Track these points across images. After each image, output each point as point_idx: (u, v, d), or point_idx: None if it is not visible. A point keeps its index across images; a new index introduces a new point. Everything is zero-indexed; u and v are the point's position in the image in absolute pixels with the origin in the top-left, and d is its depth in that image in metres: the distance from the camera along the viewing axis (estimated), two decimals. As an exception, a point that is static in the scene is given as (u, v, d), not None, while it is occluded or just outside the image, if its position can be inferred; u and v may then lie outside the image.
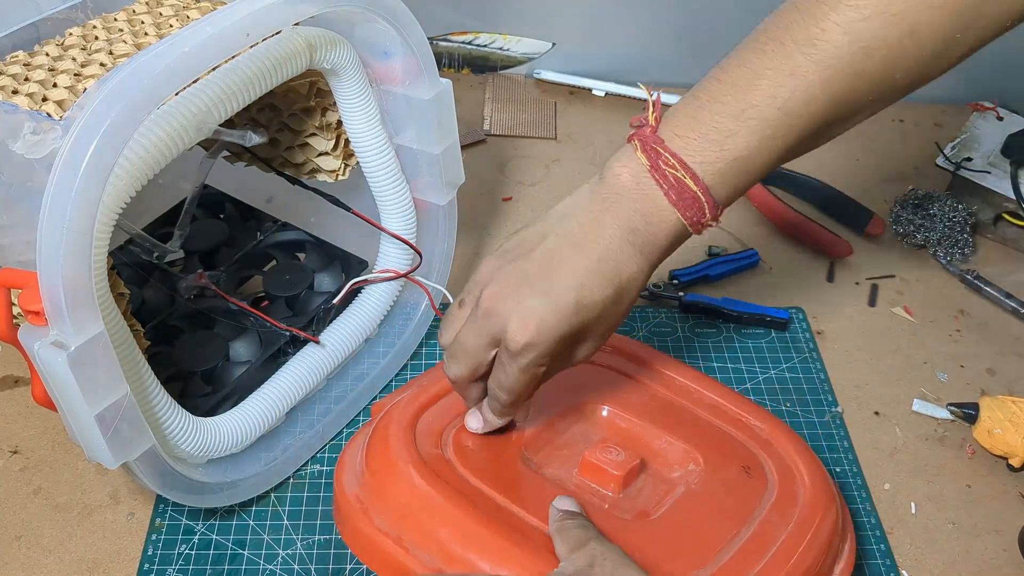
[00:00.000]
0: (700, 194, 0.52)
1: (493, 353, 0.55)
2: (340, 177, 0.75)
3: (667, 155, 0.52)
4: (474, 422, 0.61)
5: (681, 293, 0.84)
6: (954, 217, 0.90)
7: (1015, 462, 0.70)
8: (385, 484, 0.57)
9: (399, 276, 0.75)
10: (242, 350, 0.72)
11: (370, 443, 0.60)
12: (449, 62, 1.14)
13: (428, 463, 0.58)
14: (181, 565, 0.64)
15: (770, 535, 0.57)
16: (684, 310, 0.84)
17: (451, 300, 0.81)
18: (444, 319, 0.58)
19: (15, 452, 0.71)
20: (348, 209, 0.74)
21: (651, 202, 0.53)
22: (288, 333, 0.71)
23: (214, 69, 0.57)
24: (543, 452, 0.62)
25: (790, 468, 0.63)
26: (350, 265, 0.78)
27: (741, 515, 0.59)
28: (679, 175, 0.52)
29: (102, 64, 0.61)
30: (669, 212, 0.53)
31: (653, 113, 0.54)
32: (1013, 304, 0.85)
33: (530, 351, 0.53)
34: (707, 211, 0.53)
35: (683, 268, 0.87)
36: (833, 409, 0.76)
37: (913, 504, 0.70)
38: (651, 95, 0.55)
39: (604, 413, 0.65)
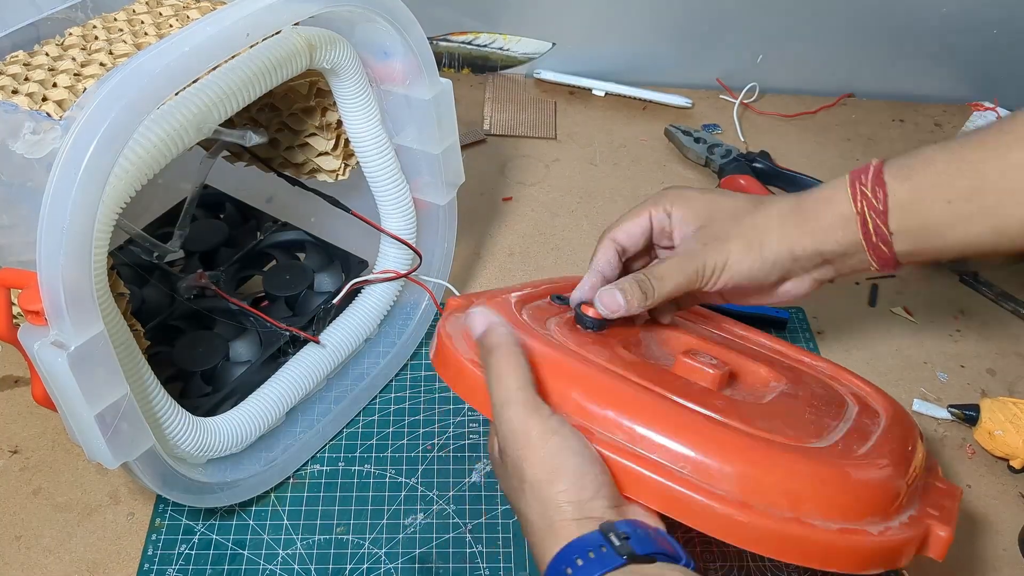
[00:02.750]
0: (871, 182, 0.56)
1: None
2: (340, 177, 0.75)
3: (873, 165, 0.56)
4: (606, 299, 0.59)
5: (681, 293, 0.84)
6: (954, 217, 0.90)
7: (1016, 464, 0.70)
8: None
9: (399, 276, 0.75)
10: (242, 350, 0.72)
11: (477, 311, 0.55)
12: (449, 62, 1.14)
13: (543, 341, 0.54)
14: (181, 565, 0.64)
15: (866, 430, 0.58)
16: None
17: (455, 292, 0.81)
18: None
19: (15, 452, 0.70)
20: (347, 210, 0.74)
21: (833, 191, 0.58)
22: (288, 333, 0.71)
23: (214, 69, 0.57)
24: (636, 352, 0.61)
25: (861, 396, 0.64)
26: (350, 265, 0.78)
27: (835, 414, 0.59)
28: (867, 174, 0.56)
29: (102, 64, 0.61)
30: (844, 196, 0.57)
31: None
32: (1013, 304, 0.85)
33: (658, 200, 0.62)
34: (871, 206, 0.55)
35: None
36: (833, 409, 0.76)
37: (913, 504, 0.70)
38: None
39: (685, 336, 0.65)
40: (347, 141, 0.73)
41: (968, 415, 0.74)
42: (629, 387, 0.52)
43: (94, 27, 0.65)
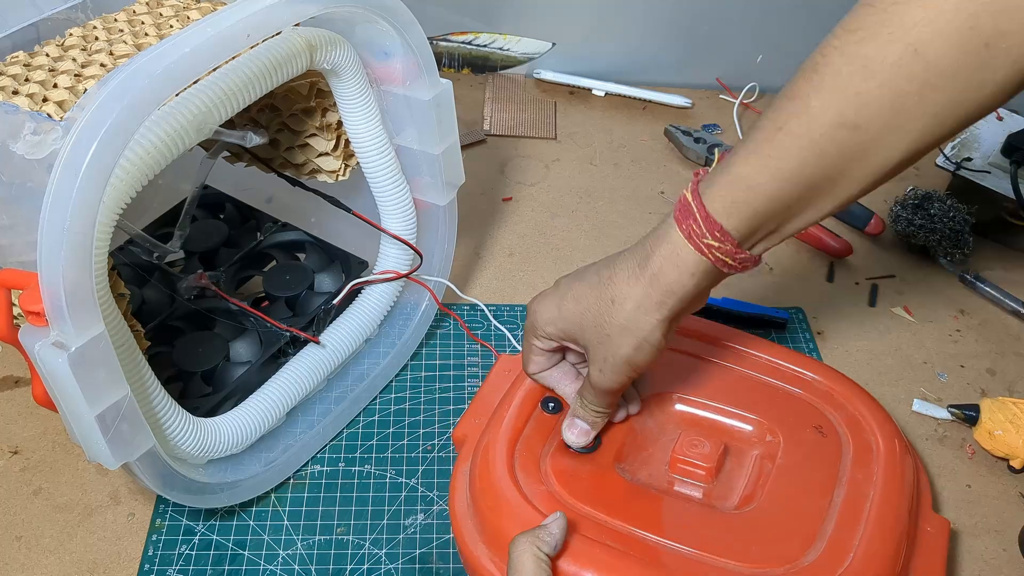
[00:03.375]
0: (691, 199, 0.54)
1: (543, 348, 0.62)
2: (340, 178, 0.75)
3: (691, 185, 0.55)
4: (571, 436, 0.62)
5: (681, 293, 0.84)
6: (954, 217, 0.90)
7: (1016, 463, 0.70)
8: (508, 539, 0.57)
9: (399, 276, 0.75)
10: (242, 350, 0.72)
11: (481, 503, 0.60)
12: (449, 62, 1.14)
13: (541, 507, 0.58)
14: (181, 565, 0.64)
15: (861, 494, 0.60)
16: (684, 310, 0.84)
17: (456, 291, 0.81)
18: None
19: (15, 452, 0.71)
20: (348, 210, 0.74)
21: (666, 225, 0.56)
22: (288, 333, 0.71)
23: (214, 70, 0.57)
24: (631, 458, 0.64)
25: (855, 417, 0.66)
26: (350, 265, 0.78)
27: (828, 480, 0.61)
28: (685, 194, 0.55)
29: (102, 65, 0.61)
30: (671, 226, 0.55)
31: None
32: (1013, 304, 0.85)
33: (531, 328, 0.61)
34: (699, 219, 0.53)
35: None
36: (833, 409, 0.76)
37: (913, 504, 0.70)
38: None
39: (676, 406, 0.67)
40: (347, 142, 0.73)
41: (968, 415, 0.74)
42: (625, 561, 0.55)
43: (94, 28, 0.65)
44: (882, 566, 0.56)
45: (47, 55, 0.62)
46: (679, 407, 0.67)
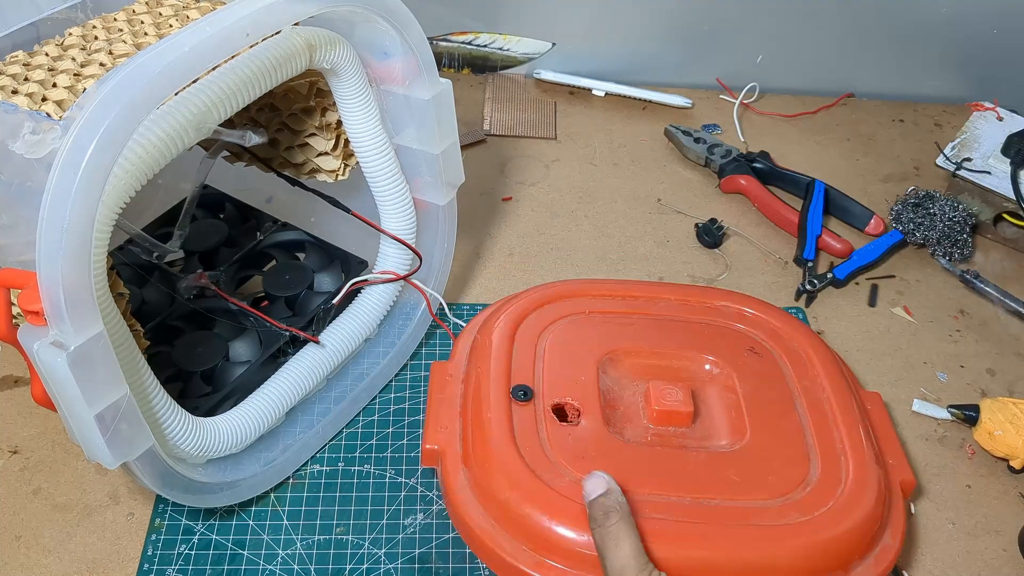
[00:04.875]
0: None
1: None
2: (340, 177, 0.75)
3: None
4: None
5: (681, 293, 0.84)
6: (954, 217, 0.90)
7: (1016, 464, 0.70)
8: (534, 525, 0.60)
9: (398, 278, 0.75)
10: (242, 350, 0.72)
11: (502, 498, 0.61)
12: (449, 62, 1.14)
13: (566, 492, 0.60)
14: (181, 565, 0.63)
15: (818, 400, 0.67)
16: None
17: (446, 309, 0.81)
18: None
19: (15, 452, 0.70)
20: (347, 210, 0.74)
21: None
22: (288, 333, 0.71)
23: (214, 69, 0.56)
24: (613, 419, 0.66)
25: (777, 331, 0.73)
26: (350, 265, 0.78)
27: (787, 396, 0.68)
28: None
29: (102, 64, 0.61)
30: None
31: None
32: (1013, 304, 0.85)
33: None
34: None
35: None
36: (833, 409, 0.76)
37: (912, 504, 0.70)
38: None
39: (624, 359, 0.70)
40: (347, 141, 0.73)
41: (968, 415, 0.74)
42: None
43: (94, 27, 0.65)
44: (868, 468, 0.62)
45: (46, 54, 0.62)
46: (626, 359, 0.70)
